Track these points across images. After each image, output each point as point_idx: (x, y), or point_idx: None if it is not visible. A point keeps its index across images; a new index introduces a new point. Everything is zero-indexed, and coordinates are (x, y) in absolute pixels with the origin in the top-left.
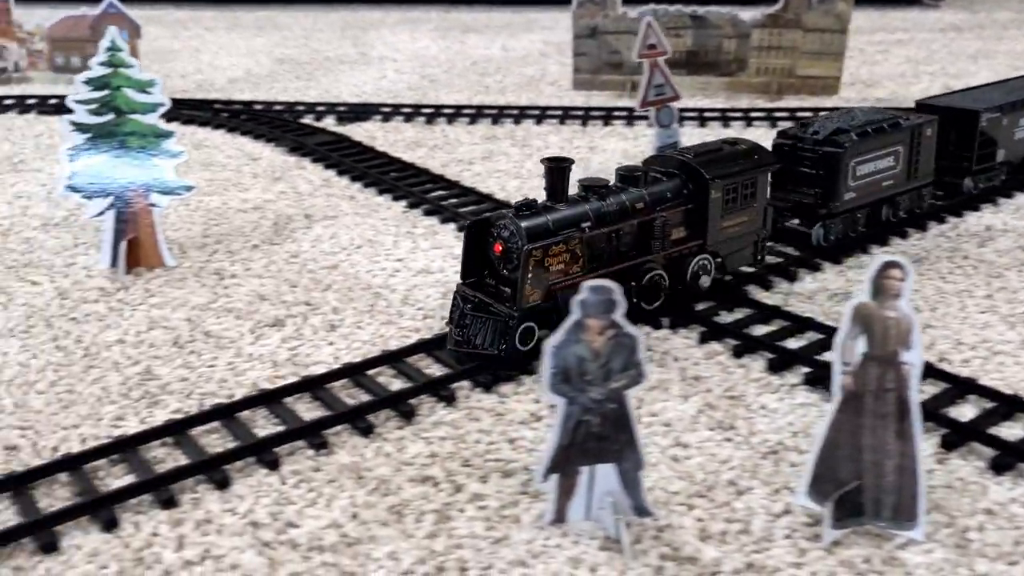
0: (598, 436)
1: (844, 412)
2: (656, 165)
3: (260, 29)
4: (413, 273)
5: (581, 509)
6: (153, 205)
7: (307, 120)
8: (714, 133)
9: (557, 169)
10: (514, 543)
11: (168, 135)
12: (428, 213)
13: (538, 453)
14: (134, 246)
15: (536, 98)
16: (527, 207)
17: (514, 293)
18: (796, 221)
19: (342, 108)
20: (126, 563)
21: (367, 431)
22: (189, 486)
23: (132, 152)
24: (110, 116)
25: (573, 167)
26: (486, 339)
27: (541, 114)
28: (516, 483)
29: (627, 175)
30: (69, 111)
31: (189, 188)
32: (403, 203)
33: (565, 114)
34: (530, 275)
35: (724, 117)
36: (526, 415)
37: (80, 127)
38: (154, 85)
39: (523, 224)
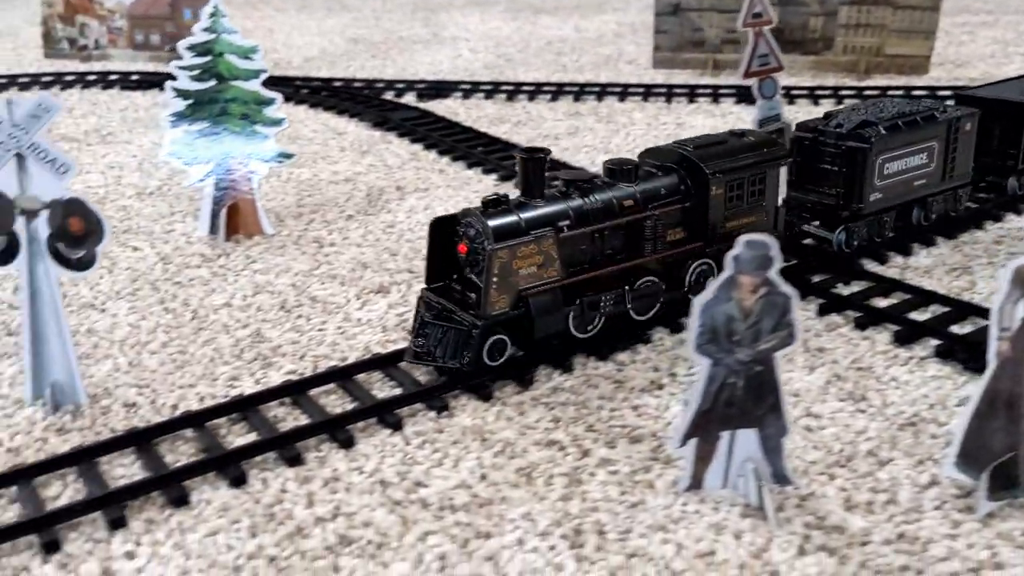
0: (742, 400)
1: (999, 380)
2: (651, 158)
3: (330, 10)
4: None
5: (719, 476)
6: (253, 172)
7: (387, 97)
8: (804, 112)
9: (531, 161)
10: (651, 508)
11: (270, 102)
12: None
13: (664, 420)
14: (233, 213)
15: (615, 77)
16: (496, 203)
17: (479, 299)
18: (816, 224)
19: (421, 85)
20: (258, 518)
21: (487, 396)
22: (313, 445)
23: (233, 119)
24: (212, 82)
25: (550, 157)
26: (447, 351)
27: (623, 91)
28: (645, 449)
29: (617, 169)
30: (152, 86)
31: (288, 156)
32: (494, 177)
33: (647, 91)
34: (496, 279)
35: (813, 95)
36: (645, 383)
37: (182, 93)
38: (256, 51)
39: (490, 222)
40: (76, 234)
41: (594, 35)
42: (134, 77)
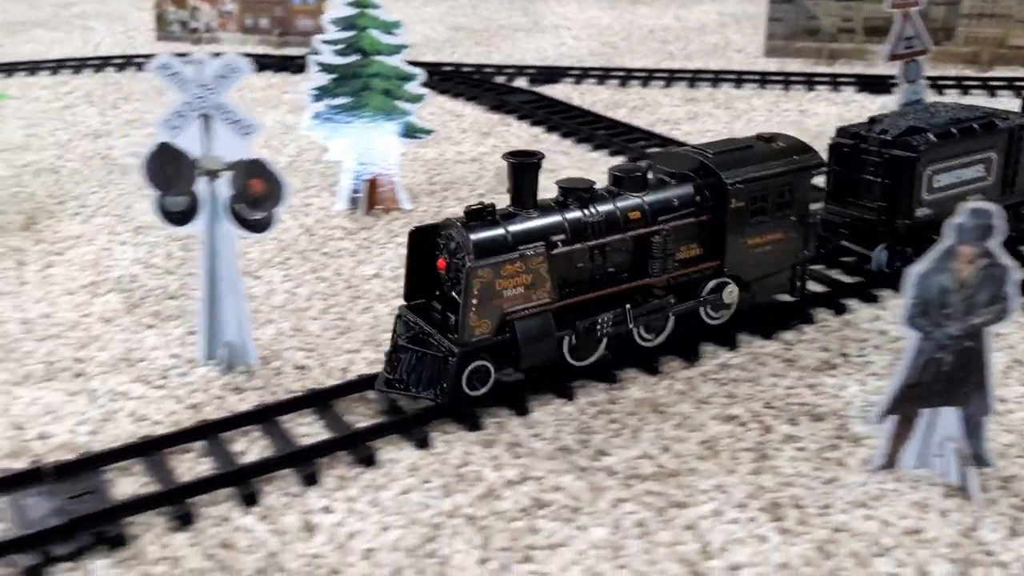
0: (948, 376)
1: None
2: (665, 165)
3: (426, 0)
4: None
5: (914, 455)
6: (393, 148)
7: (498, 81)
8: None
9: (521, 166)
10: (847, 485)
11: (411, 77)
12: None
13: (843, 399)
14: (372, 188)
15: (726, 64)
16: (480, 213)
17: (458, 322)
18: (855, 241)
19: (531, 71)
20: (448, 478)
21: (654, 370)
22: (490, 412)
23: (375, 94)
24: (355, 57)
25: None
26: (420, 380)
27: (738, 78)
28: (829, 427)
29: (624, 176)
30: (263, 68)
31: (428, 132)
32: (621, 159)
33: (763, 79)
34: (476, 300)
35: (936, 85)
36: (817, 362)
37: (325, 67)
38: (399, 26)
39: (472, 236)
40: (257, 195)
41: (696, 24)
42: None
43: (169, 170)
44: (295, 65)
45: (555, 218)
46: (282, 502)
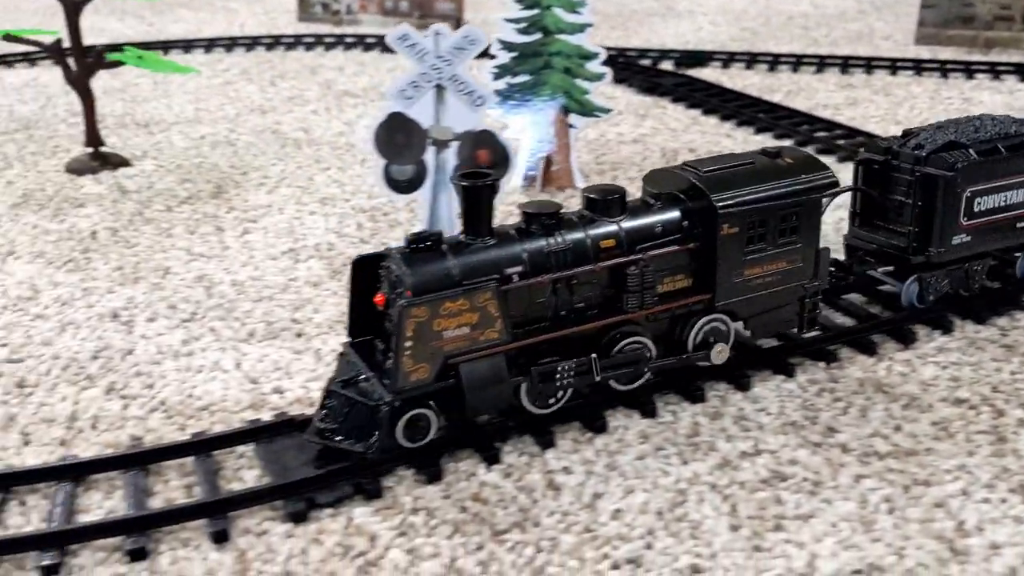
0: None
1: None
2: (653, 185)
3: None
4: None
5: None
6: (571, 126)
7: (643, 64)
8: None
9: (472, 190)
10: None
11: (593, 56)
12: (823, 152)
13: None
14: (547, 166)
15: (873, 51)
16: (425, 241)
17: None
18: (883, 271)
19: (676, 55)
20: (681, 447)
21: (871, 351)
22: (709, 385)
23: (556, 72)
24: (537, 35)
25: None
26: (352, 430)
27: (892, 65)
28: None
29: (599, 199)
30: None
31: (606, 111)
32: (788, 142)
33: (919, 66)
34: (410, 342)
35: None
36: None
37: (507, 46)
38: (584, 5)
39: (409, 270)
40: (482, 165)
41: (835, 11)
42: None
43: (399, 139)
44: None
45: (512, 248)
46: (522, 461)
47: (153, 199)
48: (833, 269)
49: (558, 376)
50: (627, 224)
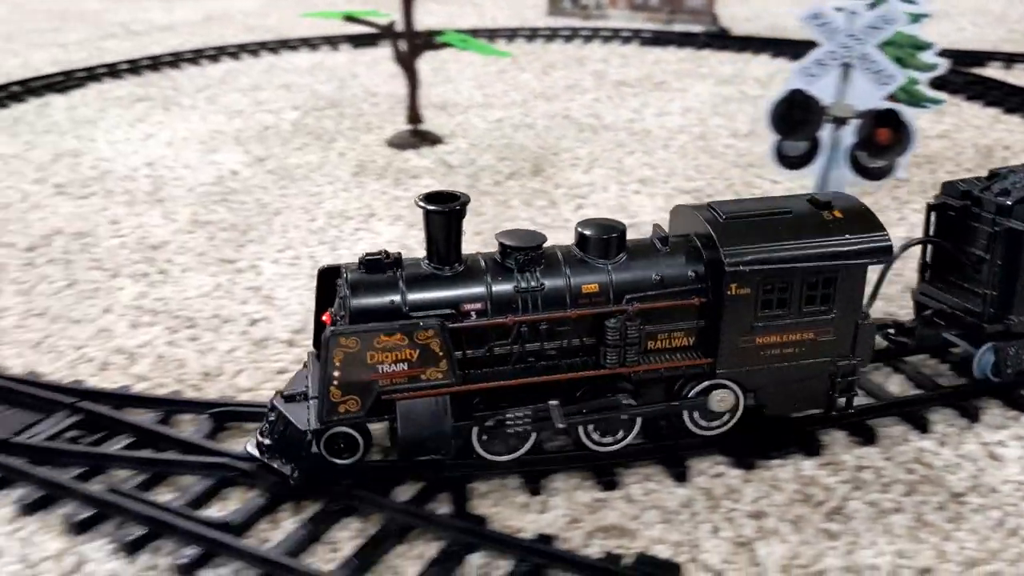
0: None
1: None
2: (674, 221)
3: None
4: None
5: None
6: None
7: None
8: None
9: (434, 216)
10: None
11: (926, 46)
12: None
13: None
14: None
15: None
16: (379, 265)
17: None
18: (956, 336)
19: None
20: None
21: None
22: None
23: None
24: None
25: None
26: (283, 449)
27: None
28: None
29: (593, 237)
30: (654, 43)
31: (939, 102)
32: None
33: None
34: (338, 372)
35: None
36: None
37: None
38: None
39: (352, 295)
40: (881, 144)
41: None
42: (646, 35)
43: (797, 116)
44: (698, 41)
45: (474, 282)
46: (951, 430)
47: (479, 174)
48: (892, 332)
49: (509, 423)
50: (618, 270)
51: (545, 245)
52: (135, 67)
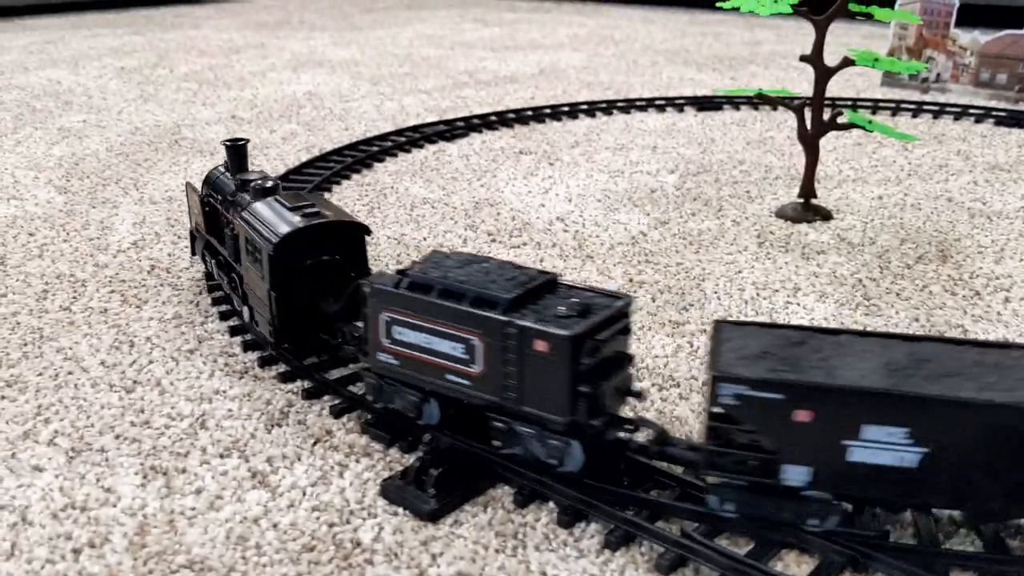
0: None
1: None
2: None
3: None
4: None
5: None
6: None
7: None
8: None
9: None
10: None
11: None
12: None
13: None
14: None
15: None
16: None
17: None
18: None
19: None
20: None
21: None
22: None
23: None
24: None
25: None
26: None
27: None
28: None
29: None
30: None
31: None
32: None
33: None
34: None
35: None
36: None
37: None
38: None
39: None
40: None
41: None
42: (999, 113)
43: None
44: None
45: None
46: None
47: (885, 255)
48: None
49: None
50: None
51: None
52: (504, 119)
